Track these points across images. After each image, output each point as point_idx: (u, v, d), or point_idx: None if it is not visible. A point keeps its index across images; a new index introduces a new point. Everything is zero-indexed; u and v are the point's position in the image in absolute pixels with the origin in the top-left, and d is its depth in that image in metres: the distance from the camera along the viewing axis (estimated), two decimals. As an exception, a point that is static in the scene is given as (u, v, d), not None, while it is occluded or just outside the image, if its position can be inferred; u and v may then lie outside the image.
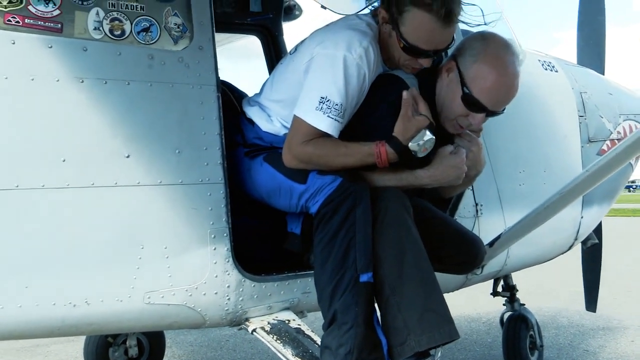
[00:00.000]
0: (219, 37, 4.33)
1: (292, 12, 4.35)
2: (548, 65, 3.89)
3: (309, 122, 2.27)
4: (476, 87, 2.34)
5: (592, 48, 4.80)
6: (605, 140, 4.04)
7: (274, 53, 4.08)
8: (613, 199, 4.43)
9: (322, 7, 3.96)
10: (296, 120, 2.32)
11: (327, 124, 2.26)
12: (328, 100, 2.24)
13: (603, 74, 4.66)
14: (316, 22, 2.83)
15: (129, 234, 2.23)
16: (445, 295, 3.43)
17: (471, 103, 2.36)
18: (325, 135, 2.28)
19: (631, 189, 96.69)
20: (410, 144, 2.28)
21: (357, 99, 2.32)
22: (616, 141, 4.01)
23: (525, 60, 3.63)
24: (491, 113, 2.40)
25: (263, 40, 4.16)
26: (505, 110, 2.46)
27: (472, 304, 6.21)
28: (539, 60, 3.86)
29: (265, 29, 4.11)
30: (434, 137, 2.29)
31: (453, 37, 2.36)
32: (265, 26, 4.09)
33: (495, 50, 2.37)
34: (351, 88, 2.27)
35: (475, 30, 2.69)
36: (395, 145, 2.27)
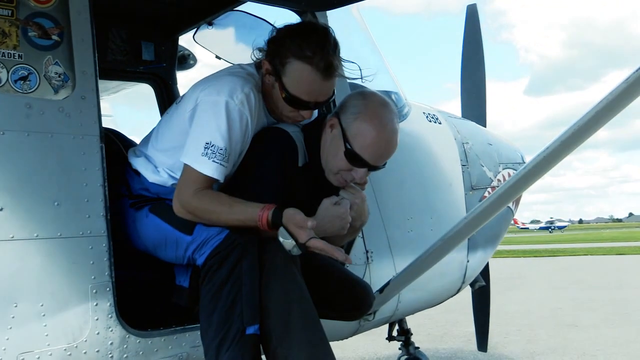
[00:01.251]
0: (113, 83, 4.27)
1: (186, 62, 4.36)
2: (432, 118, 4.09)
3: (195, 169, 2.28)
4: (357, 144, 2.41)
5: (474, 101, 5.11)
6: (486, 188, 4.28)
7: (167, 102, 4.03)
8: (497, 243, 4.67)
9: (217, 57, 4.00)
10: (184, 167, 2.32)
11: (212, 169, 2.27)
12: (212, 146, 2.26)
13: (485, 125, 4.96)
14: (211, 71, 2.83)
15: (1, 292, 2.10)
16: (345, 341, 3.47)
17: (353, 158, 2.43)
18: (211, 181, 2.28)
19: (549, 229, 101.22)
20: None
21: (241, 144, 2.35)
22: (496, 188, 4.25)
23: (411, 113, 3.83)
24: (373, 168, 2.47)
25: (156, 88, 4.12)
26: (386, 165, 2.54)
27: (372, 348, 6.28)
28: (424, 113, 4.06)
29: (158, 78, 4.08)
30: (300, 253, 2.29)
31: (334, 90, 2.45)
32: (158, 75, 4.06)
33: (374, 108, 2.45)
34: (234, 133, 2.30)
35: (365, 83, 2.80)
36: (275, 217, 2.22)
